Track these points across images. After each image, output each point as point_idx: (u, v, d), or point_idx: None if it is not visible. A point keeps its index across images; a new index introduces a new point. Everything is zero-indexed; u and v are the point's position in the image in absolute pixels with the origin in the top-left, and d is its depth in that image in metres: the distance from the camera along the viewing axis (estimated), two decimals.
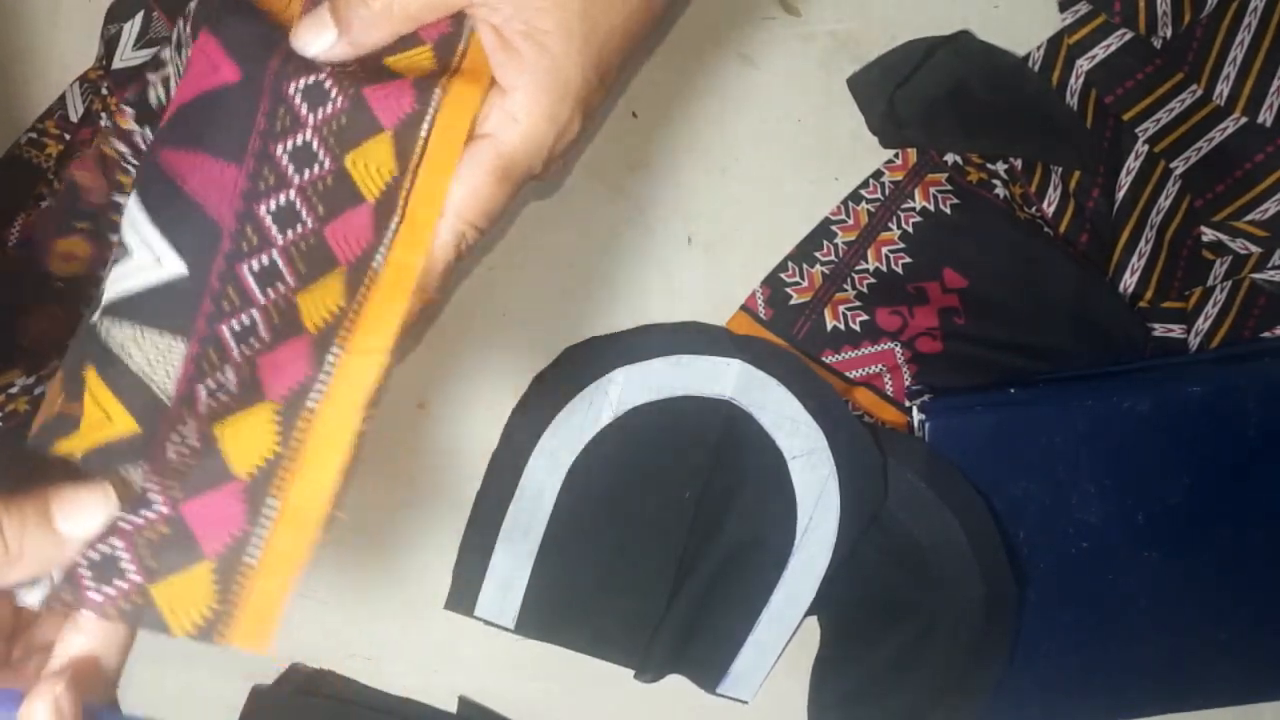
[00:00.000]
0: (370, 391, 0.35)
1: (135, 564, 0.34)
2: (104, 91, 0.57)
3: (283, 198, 0.36)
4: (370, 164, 0.37)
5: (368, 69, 0.37)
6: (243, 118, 0.36)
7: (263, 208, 0.36)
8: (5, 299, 0.48)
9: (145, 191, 0.36)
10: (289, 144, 0.36)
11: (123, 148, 0.46)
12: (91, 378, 0.35)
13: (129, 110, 0.46)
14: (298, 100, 0.36)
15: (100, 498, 0.33)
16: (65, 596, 0.34)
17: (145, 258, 0.36)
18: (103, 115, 0.57)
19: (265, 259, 0.36)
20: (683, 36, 0.58)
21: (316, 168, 0.37)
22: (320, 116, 0.36)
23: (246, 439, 0.35)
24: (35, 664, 0.35)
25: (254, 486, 0.34)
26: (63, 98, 0.57)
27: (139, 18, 0.56)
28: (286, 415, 0.35)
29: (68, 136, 0.57)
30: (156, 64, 0.47)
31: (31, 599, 0.34)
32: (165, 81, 0.48)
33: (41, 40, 0.59)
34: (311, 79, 0.36)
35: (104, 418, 0.35)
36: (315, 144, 0.36)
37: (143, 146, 0.46)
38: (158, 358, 0.35)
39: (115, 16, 0.56)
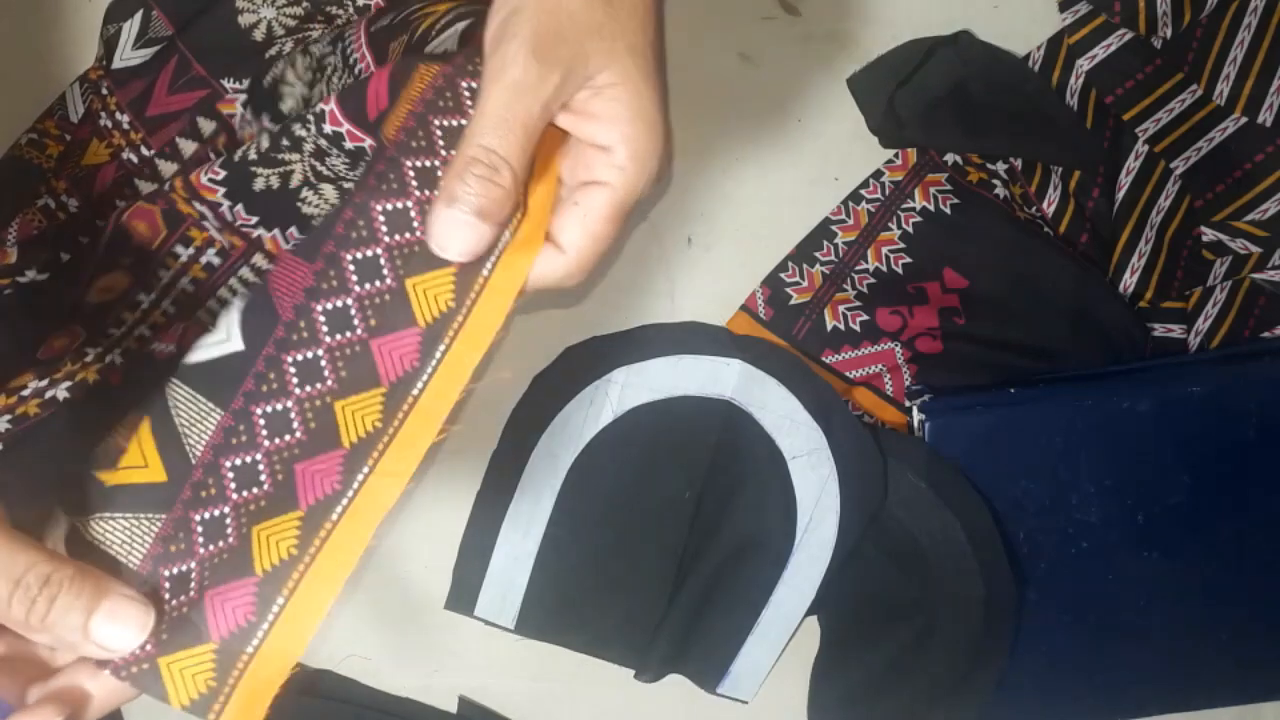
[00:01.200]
0: (388, 510, 0.38)
1: (151, 635, 0.36)
2: (104, 91, 0.57)
3: (340, 302, 0.38)
4: (430, 291, 0.39)
5: None
6: (327, 223, 0.39)
7: (319, 307, 0.38)
8: (37, 322, 0.49)
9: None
10: (359, 254, 0.38)
11: (204, 210, 0.48)
12: (144, 427, 0.39)
13: (220, 176, 0.48)
14: (380, 220, 0.38)
15: (142, 617, 0.35)
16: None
17: (221, 335, 0.39)
18: (102, 115, 0.57)
19: (309, 354, 0.39)
20: (683, 36, 0.58)
21: (379, 282, 0.39)
22: (395, 239, 0.38)
23: (272, 541, 0.38)
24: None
25: (266, 583, 0.37)
26: (63, 98, 0.57)
27: (138, 17, 0.56)
28: (309, 523, 0.38)
29: (68, 136, 0.57)
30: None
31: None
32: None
33: (41, 40, 0.59)
34: (400, 204, 0.38)
35: (141, 463, 0.38)
36: (383, 261, 0.39)
37: (229, 218, 0.48)
38: (196, 419, 0.39)
39: (115, 16, 0.56)
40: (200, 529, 0.38)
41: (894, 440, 0.54)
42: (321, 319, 0.39)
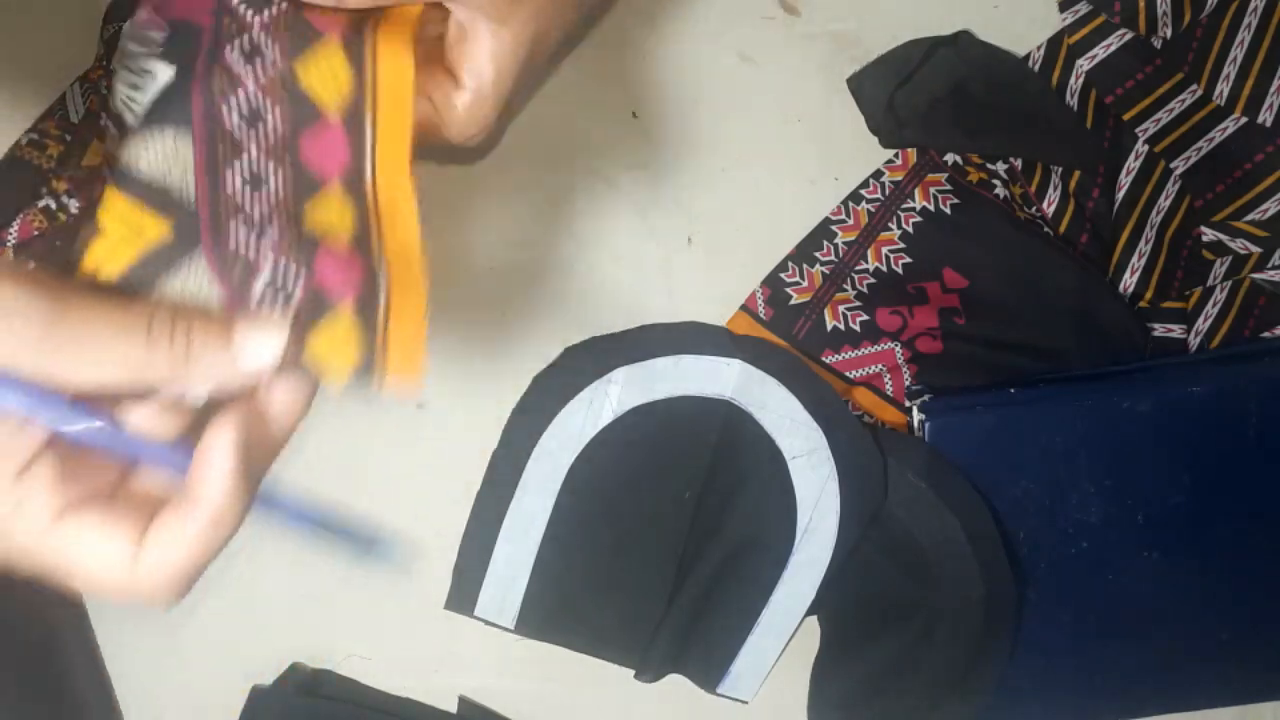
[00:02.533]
0: (407, 142, 0.37)
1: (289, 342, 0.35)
2: (104, 91, 0.57)
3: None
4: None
5: None
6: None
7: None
8: None
9: (130, 36, 0.36)
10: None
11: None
12: (111, 197, 0.35)
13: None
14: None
15: (275, 316, 0.34)
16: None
17: (146, 80, 0.36)
18: (102, 115, 0.57)
19: (246, 40, 0.36)
20: (683, 36, 0.58)
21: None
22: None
23: (325, 214, 0.36)
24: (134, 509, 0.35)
25: (356, 244, 0.36)
26: (63, 98, 0.57)
27: None
28: (352, 186, 0.37)
29: (68, 137, 0.57)
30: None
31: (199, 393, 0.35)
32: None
33: (41, 40, 0.59)
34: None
35: (134, 232, 0.35)
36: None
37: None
38: (166, 157, 0.35)
39: (115, 16, 0.56)
40: (247, 243, 0.35)
41: (894, 440, 0.54)
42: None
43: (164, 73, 0.36)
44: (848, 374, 0.56)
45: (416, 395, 0.35)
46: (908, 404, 0.56)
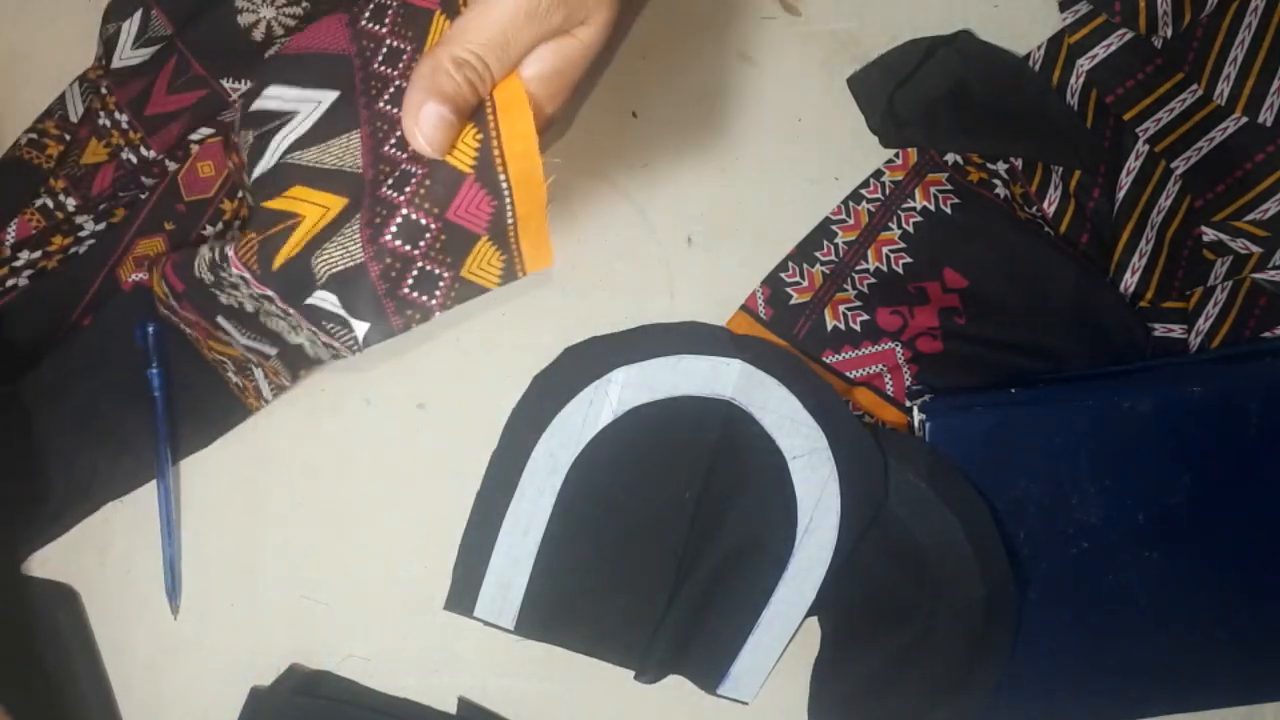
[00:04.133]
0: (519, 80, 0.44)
1: (441, 267, 0.44)
2: (104, 91, 0.57)
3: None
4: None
5: None
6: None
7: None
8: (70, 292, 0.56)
9: (269, 76, 0.49)
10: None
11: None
12: (298, 190, 0.46)
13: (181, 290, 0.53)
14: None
15: None
16: (414, 316, 0.45)
17: (305, 108, 0.47)
18: (101, 114, 0.57)
19: (384, 50, 0.48)
20: (683, 36, 0.58)
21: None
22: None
23: (460, 148, 0.43)
24: None
25: (481, 171, 0.42)
26: (63, 98, 0.57)
27: (138, 16, 0.56)
28: (476, 118, 0.43)
29: (68, 137, 0.57)
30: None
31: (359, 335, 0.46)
32: None
33: (41, 40, 0.59)
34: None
35: (321, 209, 0.45)
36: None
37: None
38: (341, 152, 0.46)
39: (114, 16, 0.56)
40: (391, 189, 0.44)
41: (894, 440, 0.54)
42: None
43: (326, 96, 0.48)
44: (848, 374, 0.56)
45: (551, 267, 0.46)
46: (908, 404, 0.56)
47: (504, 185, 0.42)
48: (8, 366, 0.54)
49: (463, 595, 0.54)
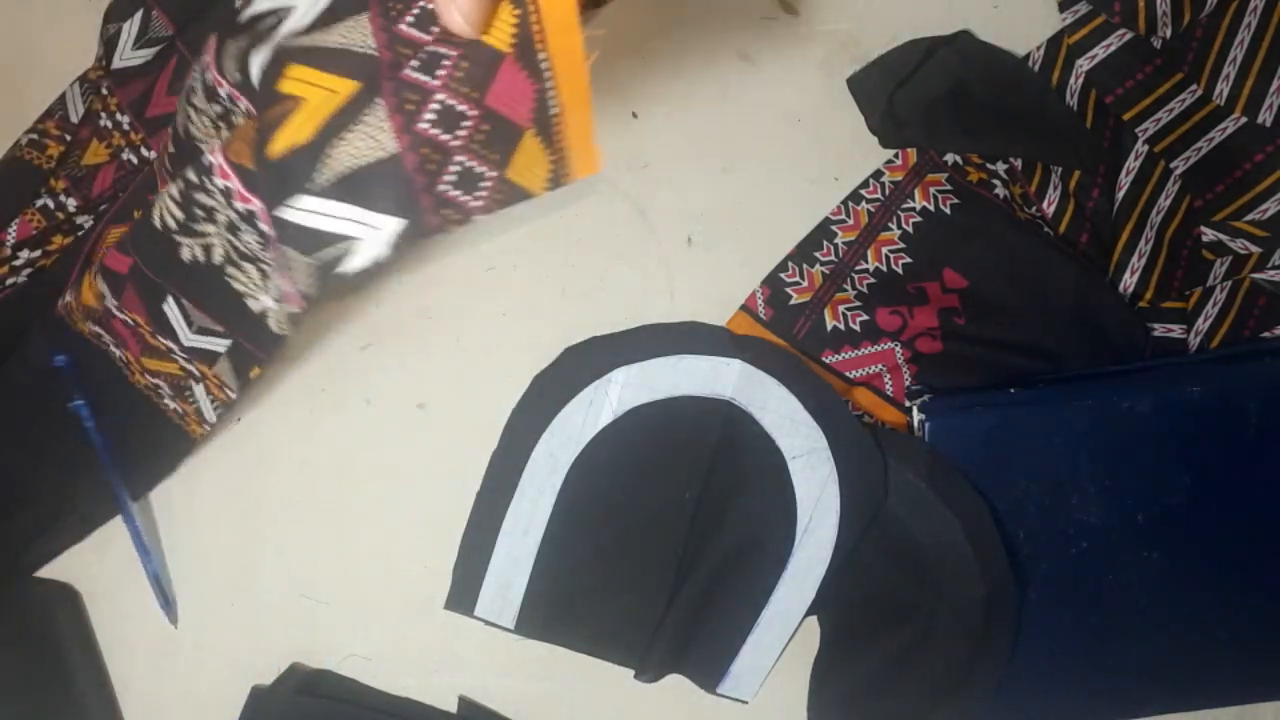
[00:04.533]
0: None
1: (484, 164, 0.40)
2: (104, 91, 0.57)
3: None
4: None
5: None
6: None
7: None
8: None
9: None
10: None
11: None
12: (296, 70, 0.40)
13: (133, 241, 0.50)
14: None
15: None
16: (452, 216, 0.41)
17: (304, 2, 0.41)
18: (102, 115, 0.57)
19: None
20: (683, 36, 0.58)
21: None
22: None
23: (496, 27, 0.38)
24: None
25: (521, 50, 0.38)
26: (63, 98, 0.57)
27: (138, 17, 0.56)
28: None
29: (68, 137, 0.57)
30: None
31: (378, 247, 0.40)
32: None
33: (42, 41, 0.59)
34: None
35: (326, 91, 0.39)
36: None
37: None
38: (348, 31, 0.40)
39: (115, 16, 0.56)
40: (419, 72, 0.39)
41: (894, 440, 0.54)
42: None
43: None
44: (848, 374, 0.56)
45: (599, 168, 0.41)
46: (908, 404, 0.56)
47: (544, 65, 0.38)
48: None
49: (463, 595, 0.54)
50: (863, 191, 0.58)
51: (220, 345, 0.50)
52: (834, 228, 0.57)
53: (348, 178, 0.40)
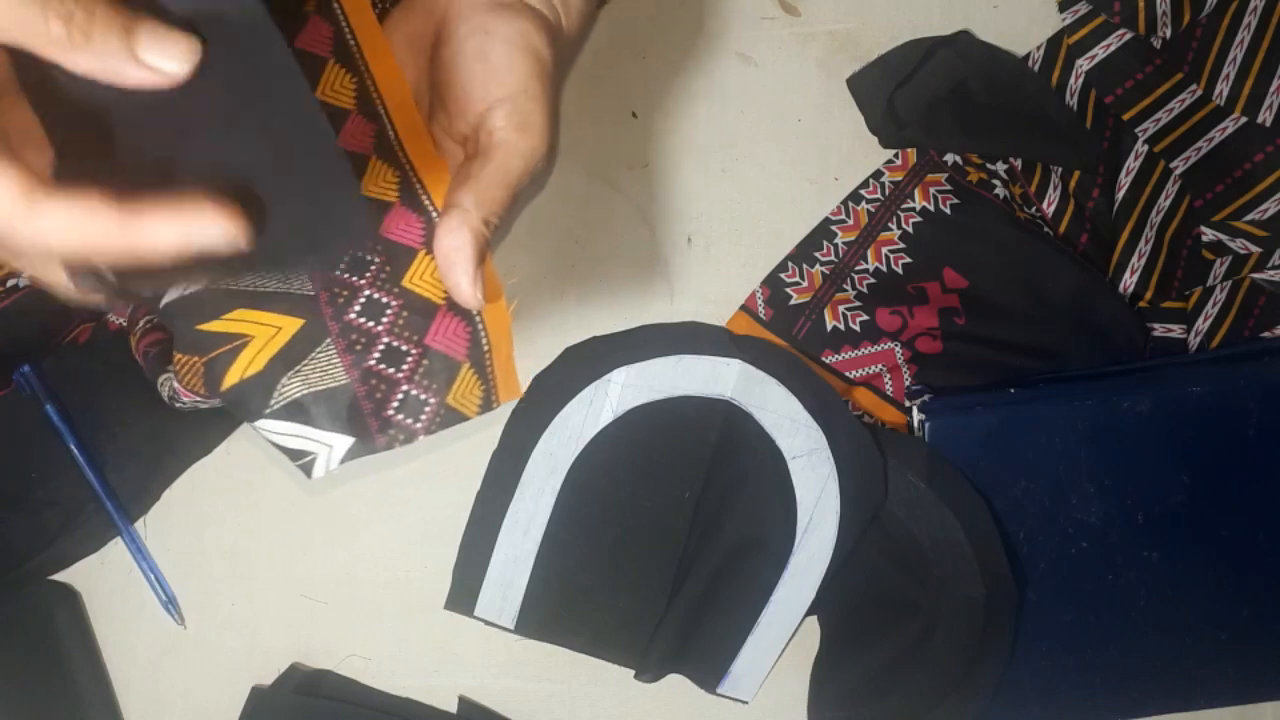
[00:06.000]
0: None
1: (426, 392, 0.45)
2: None
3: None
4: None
5: None
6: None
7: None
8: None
9: None
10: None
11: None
12: (242, 314, 0.44)
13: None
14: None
15: (187, 42, 0.32)
16: (398, 436, 0.46)
17: None
18: None
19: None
20: (683, 36, 0.58)
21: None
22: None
23: (425, 277, 0.45)
24: None
25: (452, 301, 0.45)
26: None
27: None
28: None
29: None
30: None
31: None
32: None
33: None
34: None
35: (272, 330, 0.44)
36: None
37: None
38: (290, 278, 0.45)
39: None
40: (362, 318, 0.45)
41: (894, 440, 0.54)
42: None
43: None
44: (848, 374, 0.56)
45: (520, 393, 0.49)
46: (908, 404, 0.56)
47: (475, 312, 0.45)
48: (5, 371, 0.54)
49: (463, 595, 0.54)
50: (863, 191, 0.58)
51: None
52: (834, 228, 0.57)
53: (300, 404, 0.44)
